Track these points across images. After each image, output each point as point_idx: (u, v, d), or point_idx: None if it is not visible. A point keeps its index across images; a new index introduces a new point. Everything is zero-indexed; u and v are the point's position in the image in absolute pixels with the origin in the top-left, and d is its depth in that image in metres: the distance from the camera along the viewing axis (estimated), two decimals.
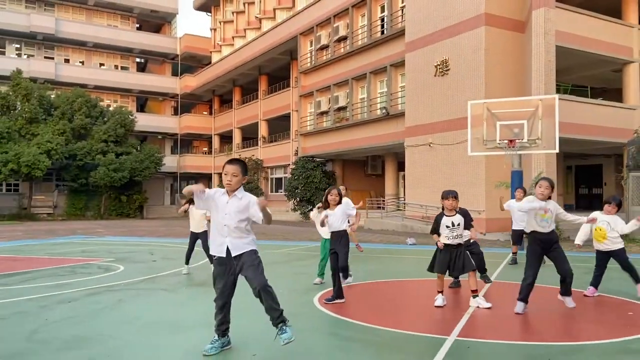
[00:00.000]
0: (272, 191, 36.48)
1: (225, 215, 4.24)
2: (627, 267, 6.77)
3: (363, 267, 9.80)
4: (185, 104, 46.56)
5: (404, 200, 23.23)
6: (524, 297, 5.78)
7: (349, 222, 7.13)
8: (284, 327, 4.12)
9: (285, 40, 32.15)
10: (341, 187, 10.27)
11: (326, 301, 6.36)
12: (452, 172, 19.44)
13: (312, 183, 28.90)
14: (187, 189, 4.22)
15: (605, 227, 6.66)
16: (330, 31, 28.33)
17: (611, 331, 5.02)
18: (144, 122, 41.49)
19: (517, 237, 9.99)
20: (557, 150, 12.65)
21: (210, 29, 46.54)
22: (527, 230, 6.13)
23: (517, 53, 19.23)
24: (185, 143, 46.84)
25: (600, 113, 20.09)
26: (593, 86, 25.31)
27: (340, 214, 6.62)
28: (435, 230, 6.24)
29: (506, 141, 12.04)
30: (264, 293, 4.20)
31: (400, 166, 24.81)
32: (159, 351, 4.44)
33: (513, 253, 10.28)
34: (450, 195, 6.17)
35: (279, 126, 36.21)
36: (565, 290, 5.97)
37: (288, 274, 9.28)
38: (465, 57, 19.23)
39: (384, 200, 26.50)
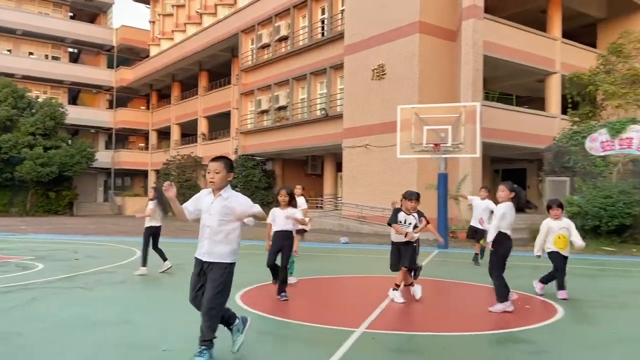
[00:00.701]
0: None
1: (208, 217, 4.01)
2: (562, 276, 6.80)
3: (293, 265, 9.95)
4: (121, 98, 44.95)
5: (342, 200, 23.65)
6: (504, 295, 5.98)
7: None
8: (204, 351, 3.84)
9: (226, 37, 31.84)
10: (297, 187, 10.30)
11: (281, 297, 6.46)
12: (387, 174, 20.00)
13: (251, 182, 28.81)
14: (175, 208, 4.04)
15: (566, 234, 6.76)
16: (272, 30, 28.35)
17: (506, 322, 5.44)
18: (76, 115, 39.73)
19: (472, 232, 10.34)
20: (478, 155, 13.36)
21: (149, 22, 45.27)
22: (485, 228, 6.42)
23: (449, 61, 20.08)
24: (120, 138, 45.21)
25: (524, 120, 21.34)
26: (519, 95, 26.77)
27: (289, 215, 6.64)
28: (393, 220, 6.49)
29: (432, 145, 12.58)
30: (205, 315, 3.89)
31: (339, 166, 25.22)
32: (66, 348, 4.38)
33: (475, 253, 10.47)
34: (414, 197, 6.46)
35: (219, 123, 35.79)
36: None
37: None
38: (401, 63, 19.86)
39: (322, 200, 26.83)
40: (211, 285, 3.89)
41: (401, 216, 6.48)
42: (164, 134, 42.70)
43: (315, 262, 11.14)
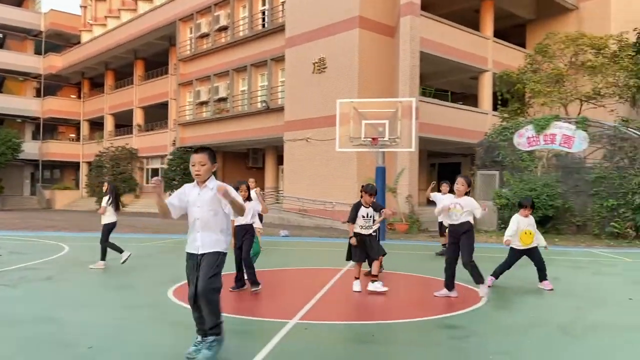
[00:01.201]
0: (147, 182, 34.87)
1: (197, 209, 3.99)
2: (542, 264, 7.10)
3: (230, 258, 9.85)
4: (50, 86, 42.48)
5: (283, 193, 23.63)
6: (450, 284, 6.31)
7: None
8: (213, 343, 3.85)
9: (163, 25, 30.83)
10: (250, 180, 10.15)
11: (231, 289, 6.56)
12: (328, 167, 20.17)
13: (190, 174, 28.09)
14: (161, 206, 3.97)
15: (533, 230, 7.01)
16: (211, 20, 27.75)
17: (434, 310, 5.68)
18: (1, 103, 37.29)
19: (440, 227, 10.57)
20: (414, 149, 13.78)
21: (80, 6, 42.98)
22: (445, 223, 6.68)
23: (388, 56, 20.46)
24: (49, 128, 42.73)
25: (459, 116, 22.15)
26: (455, 91, 27.76)
27: (249, 209, 6.60)
28: (353, 218, 6.60)
29: (370, 139, 12.82)
30: (202, 300, 3.87)
31: (281, 160, 25.16)
32: None
33: (442, 245, 10.60)
34: (374, 191, 6.64)
35: (156, 114, 34.67)
36: (474, 279, 6.37)
37: (151, 265, 9.04)
38: (341, 57, 20.04)
39: (264, 193, 26.67)
40: (204, 271, 3.88)
41: (362, 211, 6.61)
42: (96, 125, 40.83)
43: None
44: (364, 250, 6.64)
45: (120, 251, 8.73)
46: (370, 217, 6.64)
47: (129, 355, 4.06)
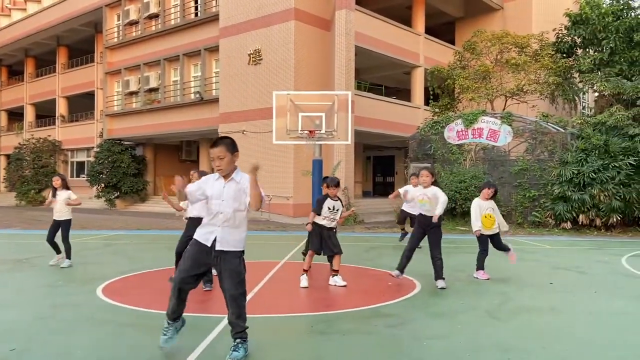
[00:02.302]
0: (72, 176, 33.04)
1: (222, 202, 3.81)
2: (501, 247, 7.27)
3: (153, 255, 9.56)
4: None
5: None
6: (401, 268, 6.56)
7: None
8: (240, 346, 3.79)
9: (88, 11, 29.22)
10: (191, 172, 9.76)
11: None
12: (265, 160, 19.95)
13: (119, 168, 26.98)
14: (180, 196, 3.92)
15: (492, 213, 7.12)
16: (140, 6, 26.62)
17: (369, 299, 5.79)
18: None
19: (403, 218, 10.73)
20: (349, 142, 13.95)
21: None
22: (416, 213, 6.77)
23: (325, 49, 20.53)
24: None
25: (393, 110, 22.66)
26: (389, 86, 28.39)
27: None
28: (319, 209, 6.56)
29: (307, 131, 12.83)
30: (232, 302, 3.81)
31: None
32: None
33: (402, 229, 10.86)
34: (334, 183, 6.62)
35: (81, 104, 32.90)
36: (436, 274, 6.48)
37: (76, 264, 8.58)
38: (277, 49, 19.88)
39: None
40: (231, 276, 3.76)
41: (329, 203, 6.59)
42: (16, 115, 38.12)
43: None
44: (321, 241, 6.63)
45: (59, 252, 8.25)
46: (337, 210, 6.64)
47: (50, 356, 3.83)
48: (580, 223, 14.54)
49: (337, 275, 6.68)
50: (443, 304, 5.66)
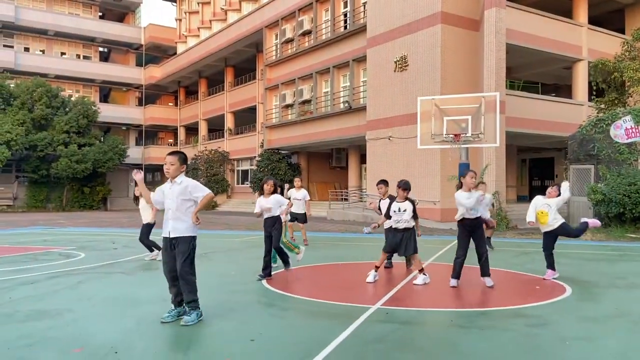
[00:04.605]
0: (237, 183, 36.76)
1: (170, 200, 4.89)
2: (575, 233, 7.36)
3: (315, 253, 10.41)
4: (150, 95, 46.16)
5: (366, 192, 23.96)
6: (456, 274, 6.61)
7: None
8: (191, 311, 4.77)
9: (250, 33, 32.38)
10: (296, 180, 10.84)
11: (260, 277, 7.16)
12: (410, 165, 20.23)
13: (277, 175, 29.34)
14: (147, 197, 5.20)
15: (547, 210, 7.16)
16: (295, 25, 28.74)
17: (513, 300, 5.77)
18: (108, 112, 41.02)
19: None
20: (498, 144, 13.52)
21: (176, 19, 46.23)
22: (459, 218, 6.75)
23: (472, 50, 20.09)
24: (150, 134, 46.48)
25: (550, 109, 21.22)
26: (547, 83, 26.53)
27: (273, 202, 7.30)
28: (387, 214, 6.99)
29: (452, 135, 12.80)
30: (182, 280, 4.82)
31: (363, 159, 25.50)
32: (113, 321, 4.92)
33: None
34: (397, 185, 6.98)
35: (245, 118, 36.45)
36: (483, 271, 6.64)
37: (242, 259, 9.80)
38: (423, 54, 19.99)
39: (347, 192, 27.20)
40: (180, 257, 4.79)
41: (394, 206, 6.91)
42: (192, 130, 43.67)
43: (337, 250, 11.56)
44: (394, 242, 6.88)
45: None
46: (403, 211, 6.81)
47: (230, 327, 4.64)
48: None
49: (421, 274, 6.83)
50: (594, 308, 5.42)
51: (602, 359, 3.86)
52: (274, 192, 7.35)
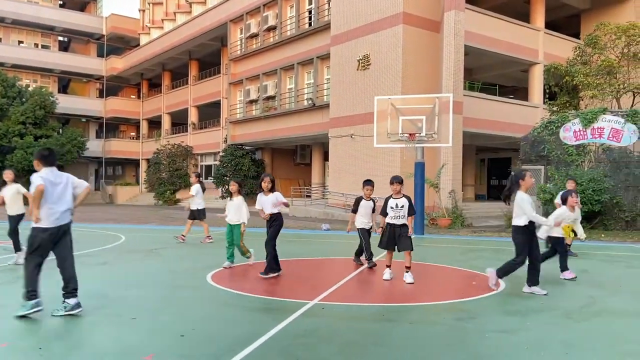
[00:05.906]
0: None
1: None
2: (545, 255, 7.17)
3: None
4: (112, 87, 45.09)
5: (328, 189, 24.11)
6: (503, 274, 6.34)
7: None
8: (27, 302, 4.87)
9: (215, 27, 32.04)
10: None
11: (261, 274, 7.02)
12: (372, 163, 20.45)
13: (241, 171, 29.20)
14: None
15: (573, 225, 7.30)
16: (260, 20, 28.60)
17: (447, 295, 5.96)
18: (67, 104, 39.80)
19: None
20: (450, 144, 13.83)
21: (139, 10, 45.23)
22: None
23: (433, 51, 20.44)
24: (111, 127, 45.40)
25: (508, 110, 21.82)
26: (505, 85, 27.23)
27: (273, 200, 7.22)
28: (384, 211, 6.90)
29: (407, 135, 13.03)
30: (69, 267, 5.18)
31: (327, 156, 25.61)
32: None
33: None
34: (395, 180, 6.88)
35: (209, 113, 36.09)
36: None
37: (192, 254, 9.75)
38: (385, 53, 20.24)
39: (310, 189, 27.29)
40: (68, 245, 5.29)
41: (391, 202, 6.85)
42: (154, 123, 42.92)
43: (293, 247, 11.63)
44: (393, 238, 6.84)
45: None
46: (401, 207, 6.78)
47: (163, 323, 4.65)
48: None
49: (408, 272, 6.80)
50: (522, 303, 5.64)
51: (515, 348, 4.05)
52: (272, 189, 7.26)
